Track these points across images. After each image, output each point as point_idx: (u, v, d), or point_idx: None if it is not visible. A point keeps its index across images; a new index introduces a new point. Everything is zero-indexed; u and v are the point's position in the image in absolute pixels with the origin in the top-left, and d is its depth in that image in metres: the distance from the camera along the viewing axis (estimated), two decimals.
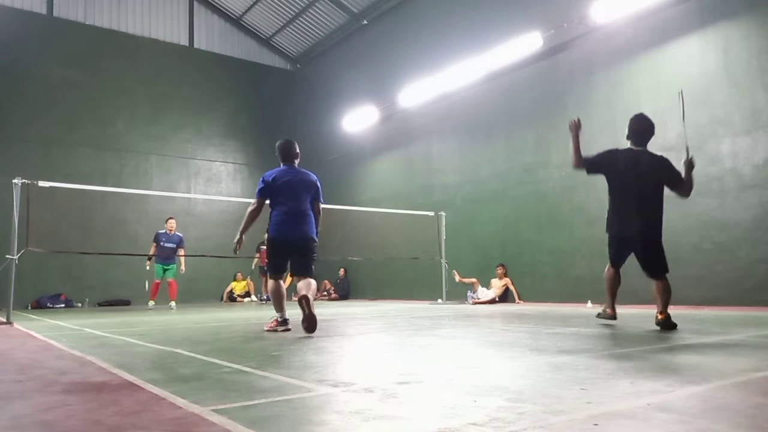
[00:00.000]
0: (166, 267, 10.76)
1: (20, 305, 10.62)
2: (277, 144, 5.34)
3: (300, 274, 5.02)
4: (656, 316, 4.47)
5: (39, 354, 3.67)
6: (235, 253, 5.24)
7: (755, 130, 7.31)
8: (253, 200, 5.15)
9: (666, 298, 4.51)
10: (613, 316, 4.88)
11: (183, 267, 11.16)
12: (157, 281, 10.82)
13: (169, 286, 10.77)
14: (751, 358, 2.85)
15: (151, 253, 10.86)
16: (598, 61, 9.13)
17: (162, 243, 10.79)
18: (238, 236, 5.13)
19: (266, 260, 12.81)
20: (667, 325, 4.35)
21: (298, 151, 5.28)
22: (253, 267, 13.42)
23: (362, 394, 2.10)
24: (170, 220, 11.07)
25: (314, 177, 5.27)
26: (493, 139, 10.94)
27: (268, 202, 5.20)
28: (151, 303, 10.72)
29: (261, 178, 5.15)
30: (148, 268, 11.06)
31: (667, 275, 4.62)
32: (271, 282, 5.10)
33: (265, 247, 12.50)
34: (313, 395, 2.12)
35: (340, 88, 15.16)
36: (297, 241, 5.00)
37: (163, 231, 10.95)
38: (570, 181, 9.20)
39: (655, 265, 4.59)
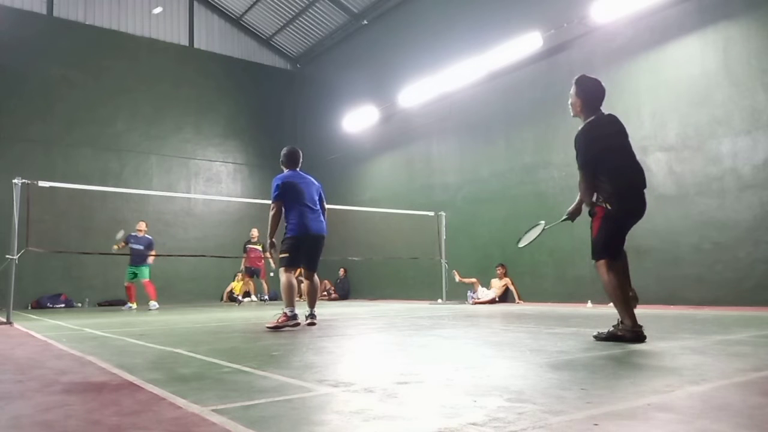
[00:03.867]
0: (135, 270, 10.82)
1: (20, 305, 10.62)
2: (283, 151, 5.79)
3: (311, 268, 5.63)
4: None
5: (39, 354, 3.67)
6: (271, 255, 5.80)
7: (755, 130, 7.31)
8: (271, 206, 5.50)
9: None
10: (639, 331, 3.58)
11: (150, 260, 11.13)
12: (128, 284, 10.89)
13: (145, 287, 10.80)
14: (751, 358, 2.85)
15: (120, 246, 10.92)
16: (598, 61, 9.12)
17: (131, 244, 10.88)
18: (269, 241, 5.51)
19: (256, 261, 12.60)
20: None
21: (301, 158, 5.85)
22: (242, 267, 13.15)
23: (362, 394, 2.10)
24: (140, 223, 11.19)
25: (318, 181, 5.84)
26: (493, 139, 10.94)
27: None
28: (131, 305, 10.82)
29: (274, 184, 5.49)
30: (115, 247, 10.92)
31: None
32: (285, 276, 5.34)
33: (252, 246, 12.52)
34: (313, 395, 2.12)
35: (340, 88, 15.15)
36: (318, 237, 5.53)
37: (134, 233, 11.05)
38: (570, 181, 9.19)
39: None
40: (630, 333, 3.55)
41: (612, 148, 3.83)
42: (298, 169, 5.71)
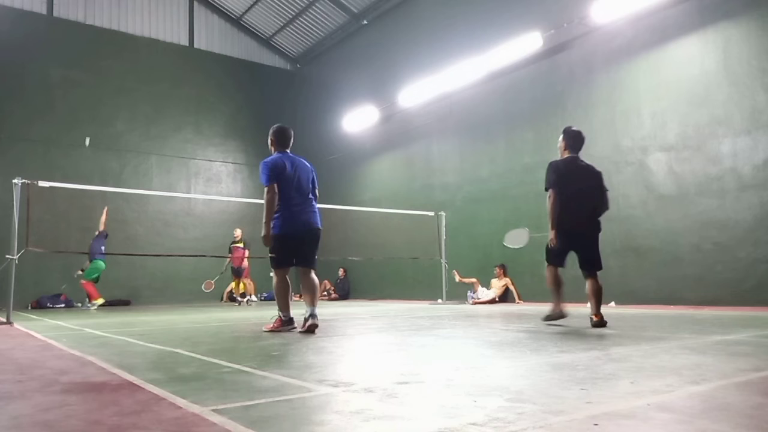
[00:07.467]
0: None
1: (20, 305, 10.61)
2: (272, 129, 5.11)
3: (306, 265, 4.95)
4: (591, 318, 4.83)
5: (39, 354, 3.67)
6: (268, 246, 4.89)
7: (755, 130, 7.31)
8: (265, 191, 4.79)
9: (599, 298, 4.90)
10: (563, 314, 5.07)
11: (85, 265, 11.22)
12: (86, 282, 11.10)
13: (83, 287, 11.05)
14: (751, 358, 2.85)
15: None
16: (598, 61, 9.12)
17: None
18: (265, 230, 4.77)
19: (240, 261, 12.23)
20: (601, 324, 4.72)
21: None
22: (224, 268, 12.73)
23: (362, 394, 2.10)
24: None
25: (310, 163, 5.17)
26: (493, 139, 10.94)
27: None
28: (91, 304, 11.01)
29: (263, 166, 4.84)
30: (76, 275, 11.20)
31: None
32: (277, 278, 4.93)
33: (235, 246, 12.30)
34: (313, 395, 2.12)
35: (340, 88, 15.15)
36: (310, 232, 4.90)
37: None
38: None
39: (595, 260, 4.98)
40: (557, 314, 5.03)
41: (569, 181, 4.86)
42: (288, 151, 5.02)
